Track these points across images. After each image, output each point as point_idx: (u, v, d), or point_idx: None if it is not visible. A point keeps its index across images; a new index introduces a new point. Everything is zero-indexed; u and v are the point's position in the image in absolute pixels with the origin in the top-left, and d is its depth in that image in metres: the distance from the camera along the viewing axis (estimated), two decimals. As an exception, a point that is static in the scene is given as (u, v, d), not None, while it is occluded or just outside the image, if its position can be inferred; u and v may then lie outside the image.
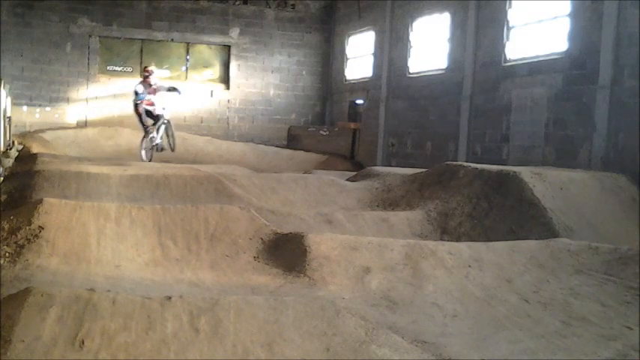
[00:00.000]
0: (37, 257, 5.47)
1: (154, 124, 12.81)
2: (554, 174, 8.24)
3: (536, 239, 6.33)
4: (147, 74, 13.02)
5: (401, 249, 5.74)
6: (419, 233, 7.72)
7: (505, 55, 12.24)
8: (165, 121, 12.88)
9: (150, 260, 5.80)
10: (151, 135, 12.78)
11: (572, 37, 10.50)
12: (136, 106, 12.81)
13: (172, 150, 12.99)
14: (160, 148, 12.96)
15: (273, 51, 19.83)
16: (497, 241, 6.42)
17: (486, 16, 12.77)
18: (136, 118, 13.15)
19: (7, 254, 5.43)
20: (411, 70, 15.63)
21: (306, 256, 5.63)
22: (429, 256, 5.63)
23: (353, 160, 17.36)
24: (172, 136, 13.00)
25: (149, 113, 12.82)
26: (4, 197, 7.74)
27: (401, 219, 7.91)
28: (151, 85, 12.86)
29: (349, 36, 19.16)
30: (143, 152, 12.79)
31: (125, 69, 18.93)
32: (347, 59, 19.32)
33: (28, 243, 5.62)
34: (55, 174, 8.55)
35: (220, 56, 19.70)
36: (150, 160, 12.50)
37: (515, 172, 8.00)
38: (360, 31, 18.47)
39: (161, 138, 12.90)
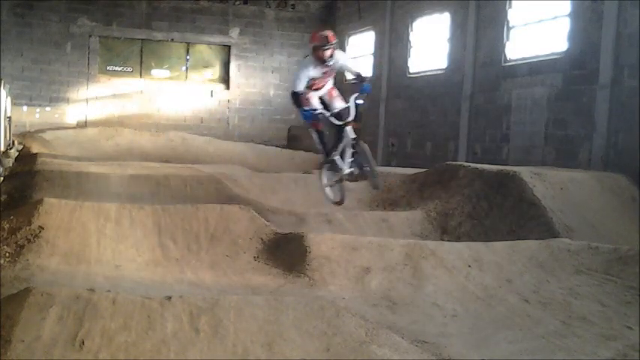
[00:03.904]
0: (37, 257, 5.48)
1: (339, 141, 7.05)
2: (554, 174, 8.24)
3: (536, 239, 6.33)
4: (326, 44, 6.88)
5: (401, 249, 5.75)
6: (419, 233, 7.73)
7: (505, 55, 12.23)
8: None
9: (150, 260, 5.80)
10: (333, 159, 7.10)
11: (572, 37, 10.49)
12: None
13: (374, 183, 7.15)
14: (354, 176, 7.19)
15: (273, 51, 19.83)
16: (497, 241, 6.41)
17: (486, 16, 12.76)
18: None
19: (7, 254, 5.44)
20: (411, 70, 15.62)
21: (306, 256, 5.64)
22: (429, 256, 5.64)
23: (353, 160, 17.32)
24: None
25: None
26: (4, 197, 7.74)
27: (401, 219, 7.91)
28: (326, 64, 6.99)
29: (349, 36, 19.14)
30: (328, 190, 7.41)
31: (125, 69, 18.92)
32: (347, 59, 19.28)
33: (28, 243, 5.62)
34: (55, 174, 8.55)
35: (220, 56, 19.70)
36: (340, 202, 7.38)
37: (515, 172, 8.00)
38: (360, 31, 18.46)
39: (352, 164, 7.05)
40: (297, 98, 6.84)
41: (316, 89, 7.07)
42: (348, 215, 7.83)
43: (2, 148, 10.84)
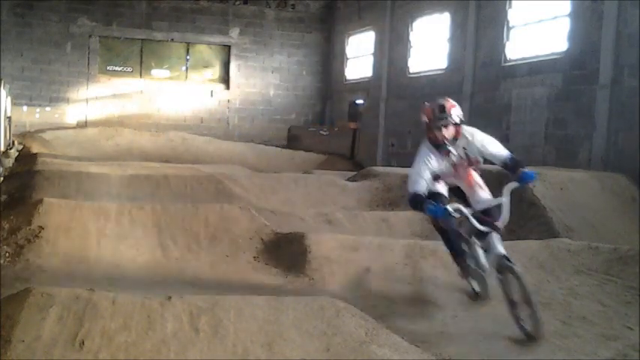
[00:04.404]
0: (37, 257, 5.48)
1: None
2: (554, 174, 8.24)
3: (536, 239, 6.33)
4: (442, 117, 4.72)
5: (401, 249, 5.75)
6: (419, 233, 7.71)
7: (505, 55, 12.24)
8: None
9: (150, 260, 5.80)
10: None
11: (572, 37, 10.49)
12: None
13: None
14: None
15: (273, 51, 19.83)
16: (497, 241, 6.40)
17: (486, 16, 12.77)
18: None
19: (7, 254, 5.44)
20: (411, 70, 15.62)
21: (306, 256, 5.64)
22: (429, 256, 5.64)
23: (353, 160, 17.36)
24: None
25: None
26: (4, 197, 7.74)
27: (401, 219, 7.90)
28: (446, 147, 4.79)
29: (349, 36, 19.15)
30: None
31: (125, 69, 18.93)
32: (347, 59, 19.30)
33: (28, 243, 5.63)
34: (55, 174, 8.55)
35: (220, 56, 19.70)
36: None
37: (515, 172, 7.98)
38: (360, 31, 18.46)
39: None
40: (418, 203, 4.53)
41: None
42: (348, 215, 7.82)
43: (2, 148, 10.85)
